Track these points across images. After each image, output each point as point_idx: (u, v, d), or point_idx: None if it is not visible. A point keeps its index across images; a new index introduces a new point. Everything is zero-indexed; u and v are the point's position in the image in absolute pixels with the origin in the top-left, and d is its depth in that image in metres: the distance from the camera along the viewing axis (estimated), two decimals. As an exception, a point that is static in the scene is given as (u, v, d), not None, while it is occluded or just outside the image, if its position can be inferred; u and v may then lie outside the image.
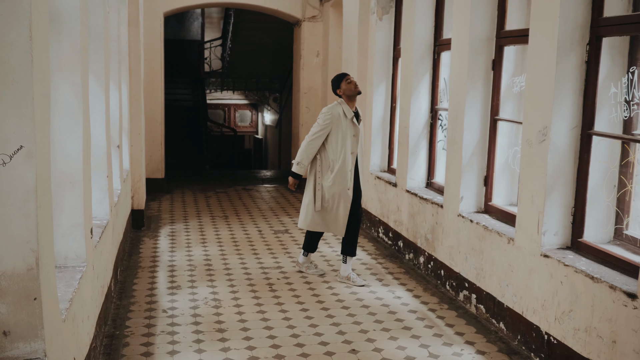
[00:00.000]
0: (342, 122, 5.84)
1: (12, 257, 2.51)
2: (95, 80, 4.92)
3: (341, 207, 5.93)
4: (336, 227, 6.00)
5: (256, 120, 25.98)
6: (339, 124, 5.85)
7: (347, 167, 5.86)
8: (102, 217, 5.03)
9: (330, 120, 5.85)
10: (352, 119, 5.87)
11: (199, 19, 19.69)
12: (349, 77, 5.90)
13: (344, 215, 5.94)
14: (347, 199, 5.91)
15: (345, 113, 5.86)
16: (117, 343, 4.61)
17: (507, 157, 5.52)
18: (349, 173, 5.88)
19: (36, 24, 2.52)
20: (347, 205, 5.92)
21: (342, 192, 5.89)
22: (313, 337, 4.79)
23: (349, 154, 5.86)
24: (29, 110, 2.46)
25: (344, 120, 5.85)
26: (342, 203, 5.92)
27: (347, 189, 5.89)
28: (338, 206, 5.92)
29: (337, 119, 5.85)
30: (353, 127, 5.88)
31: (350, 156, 5.86)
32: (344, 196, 5.90)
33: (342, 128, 5.84)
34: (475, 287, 5.34)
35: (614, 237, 4.29)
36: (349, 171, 5.87)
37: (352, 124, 5.88)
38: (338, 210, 5.94)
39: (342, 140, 5.85)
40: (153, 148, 10.78)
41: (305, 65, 11.57)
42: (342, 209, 5.93)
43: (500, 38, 5.39)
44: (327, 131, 5.86)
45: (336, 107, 5.90)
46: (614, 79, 4.16)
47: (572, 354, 4.02)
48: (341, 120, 5.85)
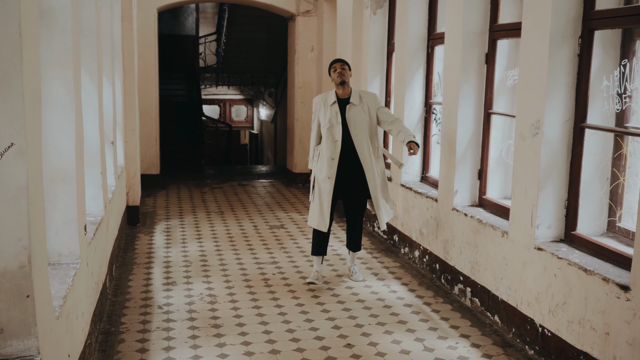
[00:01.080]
0: (325, 109, 5.69)
1: (3, 254, 2.51)
2: (88, 77, 4.91)
3: (323, 197, 5.69)
4: (318, 221, 5.73)
5: (251, 116, 25.95)
6: (322, 111, 5.71)
7: (329, 155, 5.63)
8: (96, 214, 5.03)
9: (315, 109, 5.80)
10: (333, 105, 5.65)
11: (193, 14, 19.61)
12: (335, 66, 5.69)
13: (326, 207, 5.67)
14: (327, 190, 5.65)
15: (328, 100, 5.70)
16: (112, 339, 4.61)
17: (500, 150, 5.53)
18: (331, 161, 5.62)
19: (26, 21, 2.51)
20: (327, 197, 5.66)
21: (323, 182, 5.67)
22: (308, 331, 4.80)
23: (333, 142, 5.62)
24: (20, 108, 2.45)
25: (326, 107, 5.68)
26: (323, 193, 5.68)
27: (328, 178, 5.63)
28: (320, 197, 5.71)
29: (320, 106, 5.74)
30: (337, 115, 5.65)
31: (334, 144, 5.62)
32: (323, 187, 5.67)
33: (325, 115, 5.67)
34: (470, 280, 5.35)
35: (607, 229, 4.30)
36: (331, 159, 5.62)
37: (336, 111, 5.65)
38: (321, 201, 5.70)
39: (326, 128, 5.65)
40: (148, 144, 10.76)
41: (300, 60, 11.56)
42: (324, 200, 5.68)
43: (494, 32, 5.39)
44: (316, 120, 5.79)
45: (325, 94, 5.79)
46: (606, 72, 4.17)
47: (566, 346, 4.04)
48: (323, 107, 5.71)
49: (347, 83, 5.69)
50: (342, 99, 5.70)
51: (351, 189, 5.78)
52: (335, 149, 5.63)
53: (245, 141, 27.05)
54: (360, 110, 5.66)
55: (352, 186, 5.77)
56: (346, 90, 5.70)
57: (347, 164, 5.69)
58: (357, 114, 5.65)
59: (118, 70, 7.37)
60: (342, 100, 5.70)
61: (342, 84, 5.65)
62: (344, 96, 5.71)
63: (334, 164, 5.63)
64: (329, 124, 5.64)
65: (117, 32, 7.32)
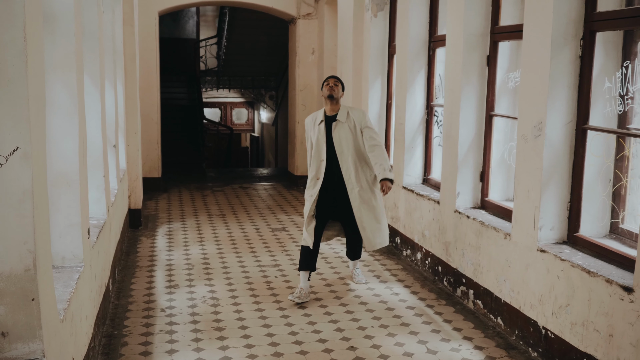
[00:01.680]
0: (314, 129, 5.60)
1: (9, 258, 2.51)
2: (90, 80, 4.92)
3: (309, 216, 5.58)
4: (306, 238, 5.59)
5: (252, 118, 25.96)
6: (312, 130, 5.63)
7: (314, 174, 5.56)
8: (99, 217, 5.03)
9: (307, 129, 5.73)
10: (320, 124, 5.56)
11: (194, 18, 19.65)
12: (329, 81, 5.56)
13: (312, 225, 5.58)
14: (311, 206, 5.55)
15: (316, 119, 5.62)
16: (115, 343, 4.61)
17: (502, 152, 5.53)
18: (316, 181, 5.54)
19: (30, 25, 2.52)
20: (310, 215, 5.56)
21: (310, 200, 5.58)
22: (311, 334, 4.80)
23: (319, 161, 5.53)
24: (24, 111, 2.46)
25: (315, 126, 5.60)
26: (308, 211, 5.59)
27: (310, 196, 5.58)
28: (308, 215, 5.58)
29: (310, 126, 5.67)
30: (324, 133, 5.54)
31: (319, 164, 5.53)
32: (307, 204, 5.61)
33: (314, 134, 5.59)
34: (472, 282, 5.35)
35: (610, 231, 4.31)
36: (315, 179, 5.54)
37: (320, 131, 5.55)
38: (308, 220, 5.59)
39: (315, 147, 5.56)
40: (149, 147, 10.77)
41: (301, 63, 11.57)
42: (309, 218, 5.58)
43: (495, 34, 5.40)
44: (309, 140, 5.69)
45: (315, 113, 5.69)
46: (608, 74, 4.18)
47: (569, 348, 4.04)
48: (312, 127, 5.63)
49: (337, 99, 5.54)
50: (329, 117, 5.58)
51: (343, 208, 5.64)
52: (320, 169, 5.53)
53: (246, 144, 27.07)
54: (346, 127, 5.50)
55: (344, 206, 5.62)
56: (335, 107, 5.56)
57: (337, 183, 5.57)
58: (341, 132, 5.51)
59: (120, 73, 7.38)
60: (330, 118, 5.57)
61: (330, 97, 5.50)
62: (332, 113, 5.57)
63: (318, 183, 5.53)
64: (316, 143, 5.56)
65: (119, 35, 7.33)
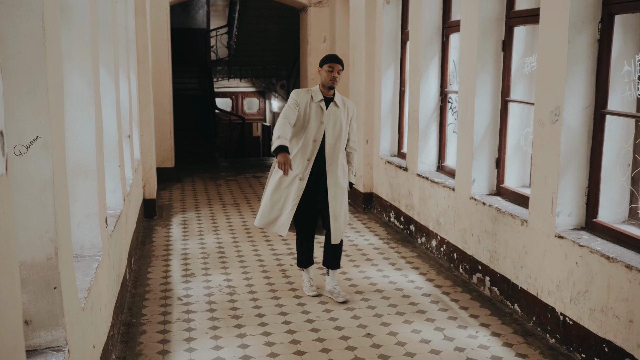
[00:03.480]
0: (309, 105, 5.13)
1: (31, 247, 2.53)
2: (105, 71, 4.93)
3: (289, 198, 5.13)
4: (280, 224, 5.15)
5: (264, 108, 25.96)
6: (305, 105, 5.12)
7: (305, 156, 5.12)
8: (115, 207, 5.06)
9: (298, 100, 5.13)
10: (320, 102, 5.14)
11: (204, 7, 19.60)
12: (333, 66, 5.10)
13: (290, 209, 5.12)
14: (296, 191, 5.11)
15: (313, 96, 5.15)
16: (134, 331, 4.65)
17: (518, 138, 5.49)
18: (306, 162, 5.11)
19: (48, 15, 2.53)
20: (295, 198, 5.11)
21: (293, 181, 5.13)
22: (328, 322, 4.81)
23: (311, 142, 5.11)
24: (44, 101, 2.47)
25: (310, 102, 5.14)
26: (290, 194, 5.13)
27: (299, 179, 5.10)
28: (286, 197, 5.14)
29: (304, 99, 5.14)
30: (320, 113, 5.14)
31: (312, 144, 5.11)
32: (293, 186, 5.12)
33: (307, 111, 5.11)
34: (489, 269, 5.33)
35: (628, 216, 4.27)
36: (306, 160, 5.11)
37: (319, 109, 5.14)
38: (285, 202, 5.15)
39: (306, 125, 5.12)
40: (162, 137, 10.80)
41: (312, 51, 11.53)
42: (289, 200, 5.13)
43: (510, 18, 5.34)
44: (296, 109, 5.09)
45: (309, 89, 5.24)
46: (627, 57, 4.12)
47: (588, 334, 4.02)
48: (309, 102, 5.14)
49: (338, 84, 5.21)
50: (327, 98, 5.21)
51: (322, 196, 5.19)
52: (314, 150, 5.12)
53: (257, 133, 27.08)
54: (339, 113, 5.19)
55: (323, 193, 5.19)
56: (331, 91, 5.22)
57: (319, 167, 5.18)
58: (336, 115, 5.17)
59: (133, 64, 7.39)
60: (326, 100, 5.21)
61: (330, 88, 5.17)
62: (329, 95, 5.22)
63: (309, 165, 5.12)
64: (311, 122, 5.11)
65: (131, 26, 7.33)
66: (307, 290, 5.41)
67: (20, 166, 2.47)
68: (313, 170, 5.17)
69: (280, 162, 4.80)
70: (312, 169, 5.16)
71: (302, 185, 5.12)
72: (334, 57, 5.18)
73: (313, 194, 5.20)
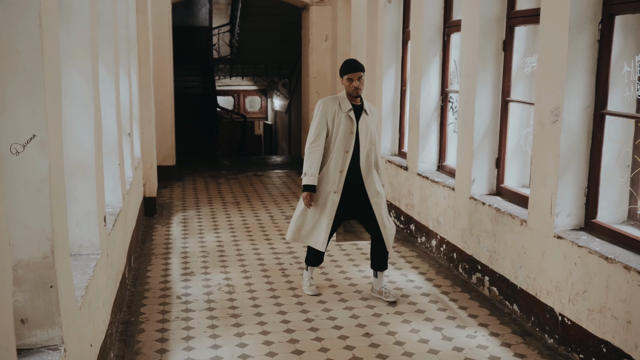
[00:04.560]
0: (338, 116, 5.02)
1: (27, 245, 2.53)
2: (105, 69, 4.93)
3: (325, 213, 5.05)
4: (316, 239, 5.11)
5: (265, 106, 25.96)
6: (335, 117, 5.02)
7: (338, 168, 5.01)
8: (114, 205, 5.06)
9: (324, 112, 5.04)
10: (349, 112, 5.01)
11: (206, 5, 19.61)
12: (352, 77, 4.94)
13: (326, 224, 5.04)
14: (331, 205, 5.03)
15: (341, 106, 5.03)
16: (132, 329, 4.65)
17: (518, 138, 5.48)
18: (339, 175, 5.01)
19: (46, 13, 2.52)
20: (331, 212, 5.04)
21: (328, 196, 5.04)
22: (327, 321, 4.81)
23: (343, 153, 5.00)
24: (41, 99, 2.47)
25: (339, 114, 5.02)
26: (325, 209, 5.05)
27: (334, 192, 5.02)
28: (321, 212, 5.07)
29: (331, 111, 5.03)
30: (350, 123, 5.01)
31: (345, 155, 5.00)
32: (329, 201, 5.04)
33: (337, 122, 5.01)
34: (488, 269, 5.33)
35: (627, 217, 4.26)
36: (338, 172, 5.01)
37: (348, 119, 5.01)
38: (320, 218, 5.07)
39: (337, 136, 5.00)
40: (163, 135, 10.81)
41: (314, 50, 11.53)
42: (325, 215, 5.05)
43: (511, 18, 5.33)
44: (324, 125, 5.04)
45: (335, 98, 5.11)
46: (627, 58, 4.11)
47: (586, 335, 4.02)
48: (337, 113, 5.02)
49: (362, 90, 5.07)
50: (355, 106, 5.10)
51: (357, 206, 5.14)
52: (345, 161, 5.02)
53: (259, 132, 27.09)
54: (370, 122, 5.11)
55: (357, 203, 5.13)
56: (358, 99, 5.10)
57: (352, 178, 5.08)
58: (367, 123, 5.08)
59: (134, 62, 7.39)
60: (355, 107, 5.09)
61: (357, 97, 5.05)
62: (357, 103, 5.10)
63: (342, 177, 5.02)
64: (342, 133, 5.00)
65: (132, 24, 7.33)
66: (306, 289, 5.41)
67: (16, 165, 2.47)
68: (347, 181, 5.07)
69: (305, 198, 5.04)
70: (346, 180, 5.07)
71: (337, 199, 5.05)
72: (351, 66, 4.98)
73: (347, 205, 5.12)
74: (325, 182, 5.07)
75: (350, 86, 4.97)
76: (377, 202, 5.09)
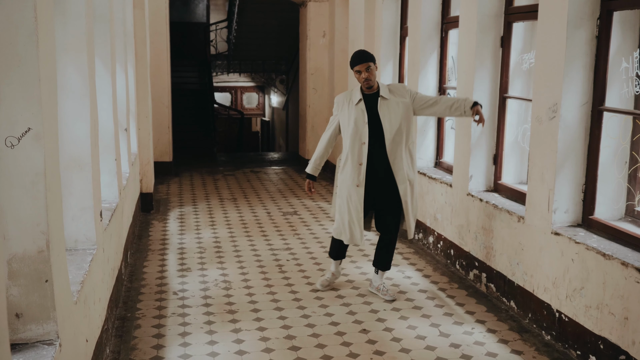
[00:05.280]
0: (349, 109, 4.98)
1: (22, 239, 2.51)
2: (102, 63, 4.90)
3: (351, 209, 4.98)
4: (350, 234, 5.04)
5: (263, 103, 25.92)
6: (346, 111, 5.00)
7: (356, 161, 4.94)
8: (111, 200, 5.04)
9: (336, 108, 5.10)
10: (359, 103, 4.94)
11: (204, 1, 19.56)
12: (360, 68, 4.86)
13: (356, 219, 4.98)
14: (356, 199, 4.95)
15: (352, 98, 4.99)
16: (128, 325, 4.64)
17: (516, 135, 5.47)
18: (358, 167, 4.93)
19: (41, 5, 2.50)
20: (357, 207, 4.96)
21: (351, 190, 4.97)
22: (324, 317, 4.80)
23: (360, 145, 4.92)
24: (36, 92, 2.45)
25: (351, 107, 4.98)
26: (351, 204, 4.98)
27: (357, 186, 4.94)
28: (348, 208, 5.01)
29: (343, 106, 5.03)
30: (364, 114, 4.93)
31: (362, 147, 4.91)
32: (353, 195, 4.96)
33: (349, 116, 4.96)
34: (485, 266, 5.32)
35: (625, 213, 4.26)
36: (358, 165, 4.93)
37: (363, 110, 4.93)
38: (349, 214, 5.00)
39: (351, 130, 4.94)
40: (160, 131, 10.78)
41: (312, 46, 11.50)
42: (352, 211, 4.98)
43: (509, 14, 5.32)
44: (335, 122, 5.10)
45: (349, 92, 5.08)
46: (625, 54, 4.10)
47: (583, 331, 4.01)
48: (347, 107, 5.00)
49: (374, 80, 4.94)
50: (369, 95, 4.98)
51: (382, 197, 5.03)
52: (363, 153, 4.92)
53: (256, 128, 27.05)
54: (393, 103, 4.90)
55: (383, 194, 5.02)
56: (373, 87, 4.97)
57: (376, 169, 4.97)
58: (390, 108, 4.89)
59: (130, 57, 7.35)
60: (370, 97, 4.97)
61: (370, 88, 4.95)
62: (371, 91, 4.98)
63: (362, 169, 4.93)
64: (354, 125, 4.92)
65: (129, 18, 7.29)
66: (321, 282, 5.41)
67: (11, 158, 2.45)
68: (372, 172, 4.97)
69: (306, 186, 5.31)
70: (370, 171, 4.97)
71: (361, 192, 4.96)
72: (358, 58, 4.90)
73: (373, 197, 5.03)
74: (348, 176, 5.00)
75: (360, 78, 4.90)
76: (404, 190, 4.96)
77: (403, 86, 5.06)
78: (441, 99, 4.94)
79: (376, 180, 4.99)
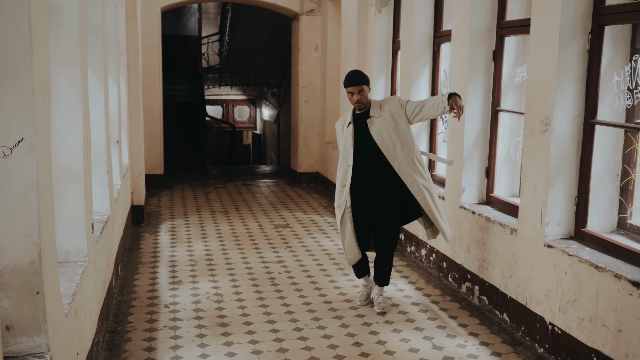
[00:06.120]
0: (342, 132, 5.06)
1: (14, 250, 2.48)
2: (94, 75, 4.89)
3: (345, 231, 5.03)
4: (353, 255, 5.08)
5: (254, 116, 25.95)
6: (341, 135, 5.09)
7: (340, 183, 5.02)
8: (102, 212, 5.01)
9: (337, 134, 5.17)
10: (349, 126, 4.98)
11: (196, 14, 19.60)
12: (352, 90, 4.86)
13: (350, 241, 5.01)
14: (347, 221, 4.98)
15: (345, 121, 5.05)
16: (119, 338, 4.59)
17: (508, 148, 5.50)
18: (341, 189, 5.00)
19: (36, 16, 2.49)
20: (349, 229, 4.98)
21: (343, 213, 5.00)
22: (316, 330, 4.77)
23: (345, 167, 4.98)
24: (30, 102, 2.43)
25: (343, 130, 5.05)
26: (344, 226, 5.03)
27: (345, 208, 4.97)
28: (342, 231, 5.06)
29: (339, 131, 5.12)
30: (351, 136, 4.96)
31: (347, 169, 4.96)
32: (344, 218, 5.00)
33: (344, 139, 5.03)
34: (478, 278, 5.32)
35: (617, 226, 4.27)
36: (342, 186, 5.00)
37: (351, 133, 4.97)
38: (344, 236, 5.05)
39: (343, 152, 5.02)
40: (152, 144, 10.74)
41: (304, 60, 11.53)
42: (346, 233, 5.03)
43: (501, 28, 5.36)
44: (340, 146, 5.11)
45: (344, 116, 5.12)
46: (617, 68, 4.14)
47: (576, 344, 4.01)
48: (342, 132, 5.07)
49: (366, 101, 4.94)
50: (360, 115, 4.98)
51: (374, 217, 5.02)
52: (347, 175, 4.96)
53: (248, 142, 27.05)
54: (383, 121, 4.87)
55: (374, 214, 5.01)
56: (366, 106, 4.98)
57: (369, 188, 4.96)
58: (381, 127, 4.87)
59: (123, 69, 7.35)
60: (362, 116, 4.97)
61: (362, 109, 4.97)
62: (362, 111, 5.00)
63: (344, 191, 4.97)
64: (344, 147, 5.01)
65: (122, 31, 7.29)
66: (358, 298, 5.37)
67: (3, 168, 2.43)
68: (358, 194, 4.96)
69: None
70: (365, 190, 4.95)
71: (349, 214, 4.97)
72: (349, 80, 4.90)
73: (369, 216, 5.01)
74: (336, 198, 5.09)
75: (352, 99, 4.91)
76: (423, 199, 4.91)
77: (394, 98, 5.02)
78: (427, 101, 4.85)
79: (363, 201, 4.98)
